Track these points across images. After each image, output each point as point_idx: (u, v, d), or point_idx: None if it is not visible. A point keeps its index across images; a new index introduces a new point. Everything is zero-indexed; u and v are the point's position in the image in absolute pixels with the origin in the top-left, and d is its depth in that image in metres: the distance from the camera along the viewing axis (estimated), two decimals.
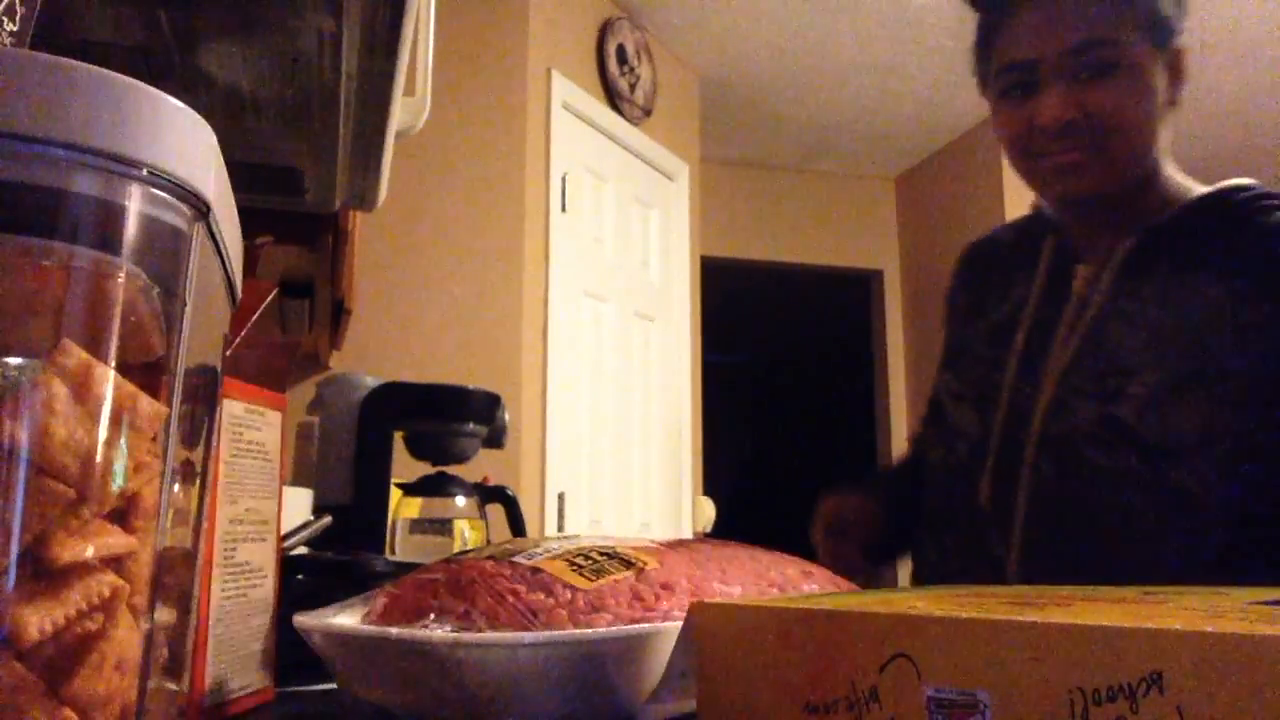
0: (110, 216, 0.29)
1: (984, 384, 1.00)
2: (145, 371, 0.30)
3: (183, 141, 0.31)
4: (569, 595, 0.48)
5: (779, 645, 0.39)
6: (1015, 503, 0.92)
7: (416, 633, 0.46)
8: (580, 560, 0.51)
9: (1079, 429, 0.90)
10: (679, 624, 0.47)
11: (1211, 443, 0.83)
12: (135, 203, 0.29)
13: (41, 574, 0.27)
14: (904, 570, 1.36)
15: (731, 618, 0.42)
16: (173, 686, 0.35)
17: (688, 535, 3.37)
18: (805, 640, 0.38)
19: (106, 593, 0.28)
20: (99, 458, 0.28)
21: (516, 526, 1.29)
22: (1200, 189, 0.98)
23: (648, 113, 3.50)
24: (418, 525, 1.22)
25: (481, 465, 1.31)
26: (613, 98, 3.35)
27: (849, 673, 0.36)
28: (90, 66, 0.28)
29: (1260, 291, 0.86)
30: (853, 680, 0.36)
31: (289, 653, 0.56)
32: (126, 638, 0.29)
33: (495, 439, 1.23)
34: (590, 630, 0.45)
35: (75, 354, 0.28)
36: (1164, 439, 0.84)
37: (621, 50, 3.39)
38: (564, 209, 3.05)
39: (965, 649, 0.33)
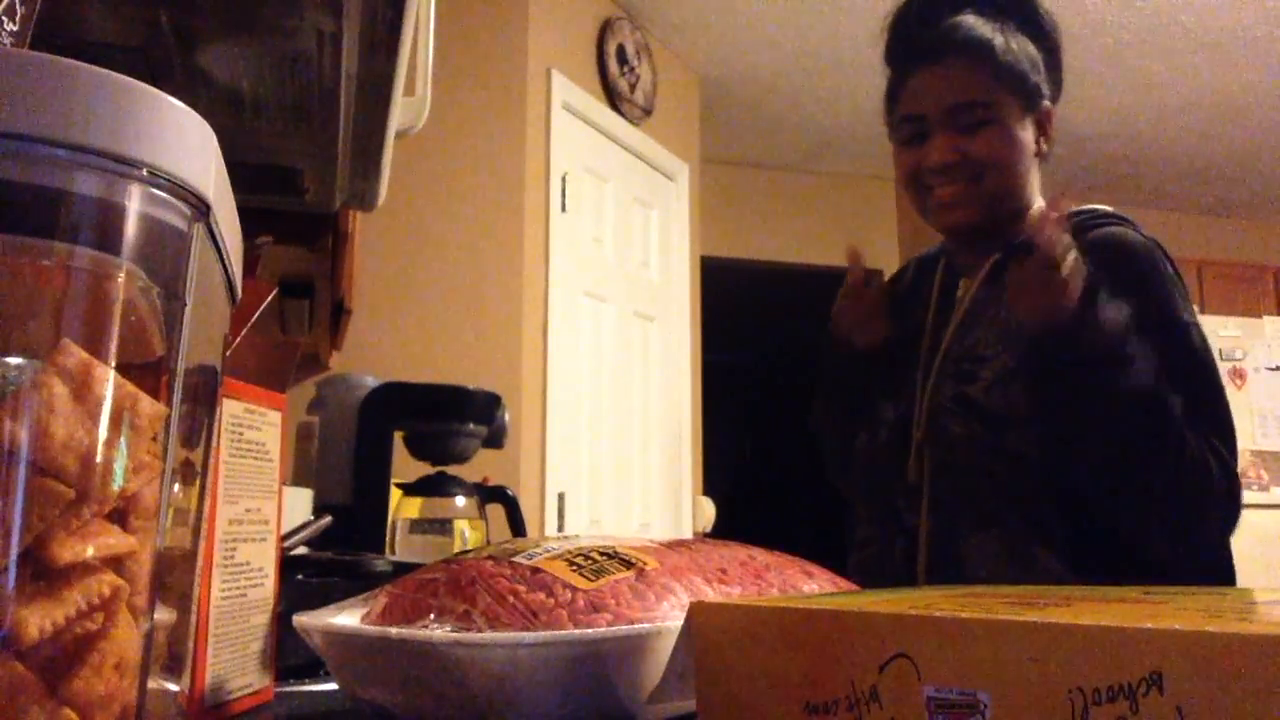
0: (110, 216, 0.29)
1: (899, 382, 1.19)
2: (145, 371, 0.30)
3: (183, 141, 0.31)
4: (569, 595, 0.48)
5: (779, 645, 0.39)
6: (923, 474, 1.12)
7: (416, 633, 0.46)
8: (580, 560, 0.51)
9: (942, 405, 1.12)
10: (679, 624, 0.47)
11: (1038, 417, 1.03)
12: (135, 203, 0.29)
13: (41, 574, 0.27)
14: None
15: (731, 618, 0.42)
16: (173, 686, 0.35)
17: (688, 535, 3.37)
18: (805, 640, 0.38)
19: (106, 593, 0.28)
20: (99, 458, 0.28)
21: (516, 526, 1.29)
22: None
23: (648, 113, 3.50)
24: (418, 525, 1.22)
25: (481, 465, 1.31)
26: (613, 98, 3.34)
27: (849, 672, 0.36)
28: (90, 66, 0.28)
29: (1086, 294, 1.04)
30: (853, 680, 0.36)
31: (289, 653, 0.56)
32: (126, 638, 0.29)
33: (495, 439, 1.23)
34: (590, 630, 0.45)
35: (75, 354, 0.28)
36: (1003, 412, 1.07)
37: (621, 50, 3.39)
38: (564, 209, 3.05)
39: (965, 649, 0.33)
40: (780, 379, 6.34)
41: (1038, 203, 1.19)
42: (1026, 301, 0.97)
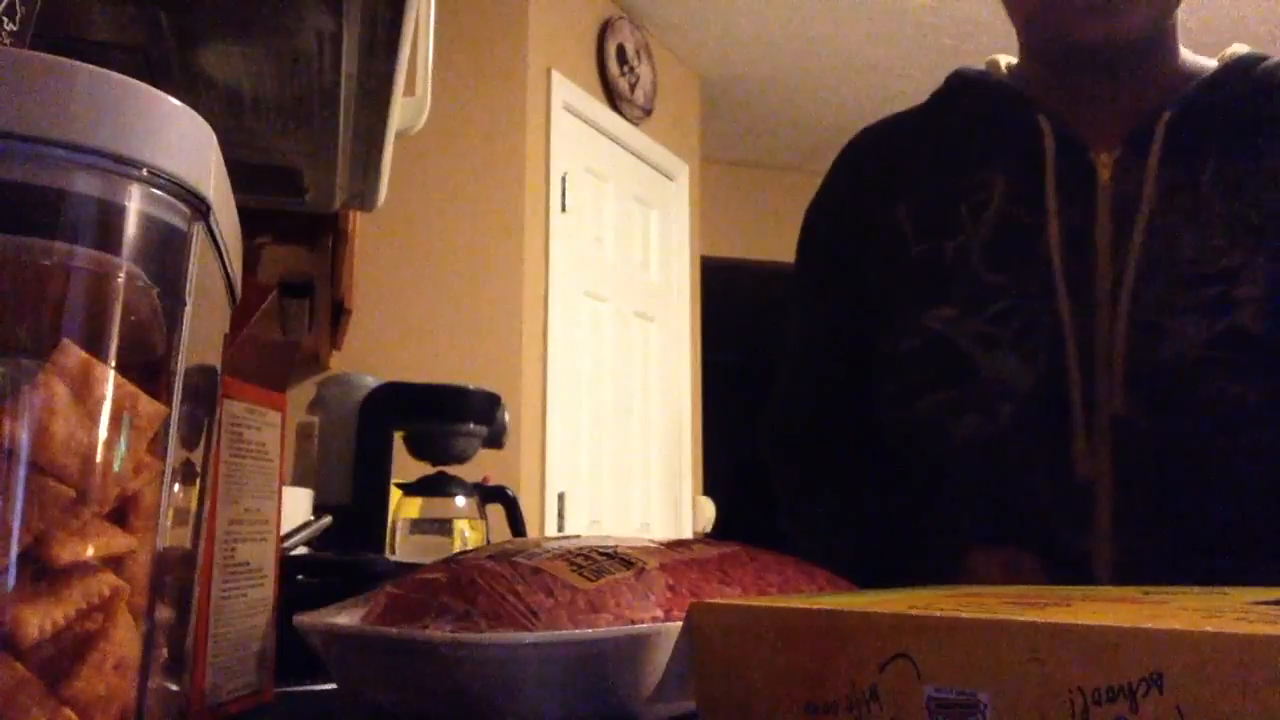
0: (110, 216, 0.29)
1: (1020, 318, 0.75)
2: (145, 371, 0.30)
3: (183, 141, 0.31)
4: (569, 595, 0.48)
5: (779, 645, 0.39)
6: (1100, 476, 0.72)
7: (416, 633, 0.46)
8: (580, 560, 0.51)
9: (1187, 355, 0.70)
10: (679, 624, 0.47)
11: None
12: (135, 203, 0.29)
13: (41, 574, 0.27)
14: None
15: (731, 618, 0.42)
16: (173, 686, 0.35)
17: (688, 535, 3.37)
18: (805, 640, 0.38)
19: (106, 593, 0.28)
20: (99, 458, 0.28)
21: (516, 526, 1.29)
22: (1206, 59, 0.84)
23: (648, 113, 3.50)
24: (418, 525, 1.22)
25: (481, 465, 1.31)
26: (613, 98, 3.34)
27: (849, 672, 0.36)
28: (90, 66, 0.28)
29: None
30: (853, 680, 0.36)
31: (289, 653, 0.56)
32: (126, 638, 0.29)
33: (495, 439, 1.23)
34: (590, 630, 0.45)
35: (75, 354, 0.28)
36: None
37: (621, 50, 3.39)
38: (564, 209, 3.05)
39: (965, 649, 0.33)
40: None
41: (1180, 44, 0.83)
42: None
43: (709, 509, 3.68)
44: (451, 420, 1.18)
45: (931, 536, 0.78)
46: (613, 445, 3.21)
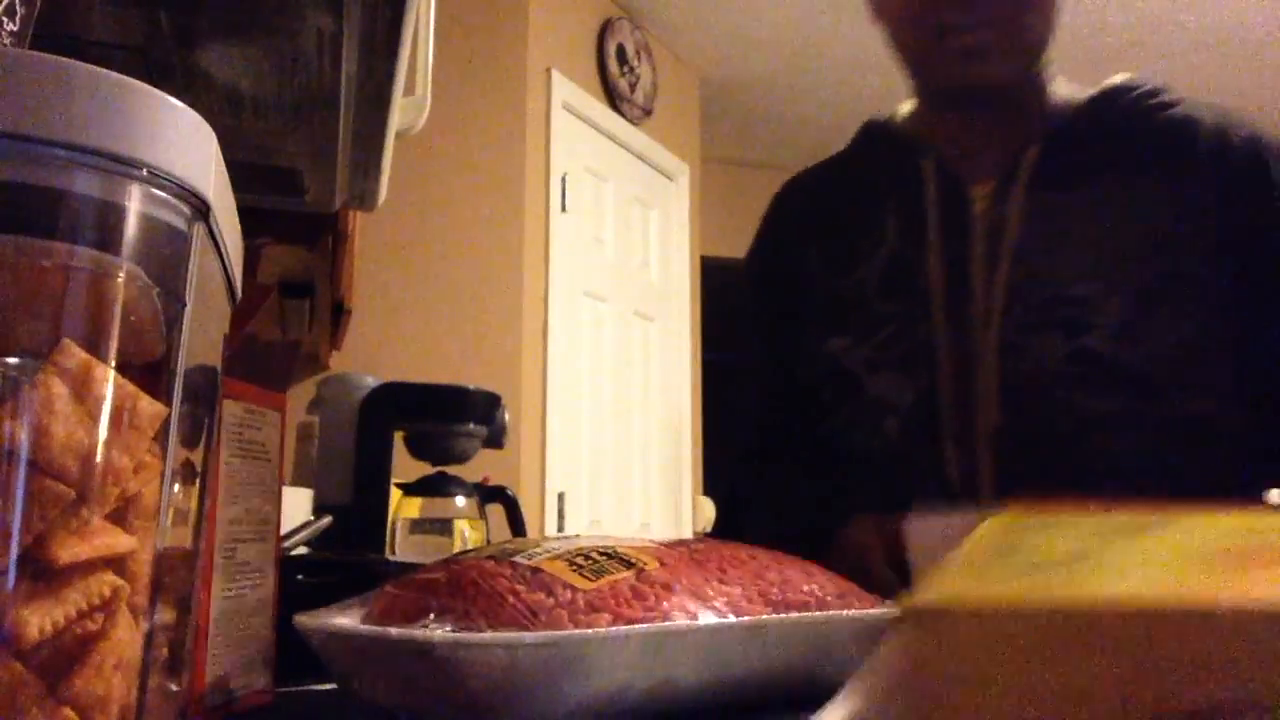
0: (110, 216, 0.29)
1: (904, 343, 0.84)
2: (145, 371, 0.30)
3: (183, 141, 0.31)
4: (569, 595, 0.48)
5: (1095, 653, 0.29)
6: (979, 476, 0.79)
7: (416, 633, 0.46)
8: (580, 560, 0.51)
9: (1045, 370, 0.77)
10: (679, 624, 0.47)
11: (1196, 359, 0.75)
12: (135, 203, 0.29)
13: (41, 574, 0.27)
14: None
15: (998, 623, 0.31)
16: (173, 686, 0.35)
17: (688, 535, 3.37)
18: (1162, 643, 0.28)
19: (106, 593, 0.28)
20: (99, 458, 0.28)
21: (516, 526, 1.29)
22: (1077, 90, 0.89)
23: (648, 113, 3.50)
24: (418, 525, 1.22)
25: (481, 465, 1.31)
26: (613, 98, 3.34)
27: (1252, 669, 0.28)
28: (90, 66, 0.28)
29: (1218, 198, 0.79)
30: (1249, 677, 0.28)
31: (289, 653, 0.56)
32: (126, 638, 0.29)
33: (495, 439, 1.23)
34: (590, 630, 0.45)
35: (75, 354, 0.28)
36: (1148, 365, 0.75)
37: (621, 50, 3.39)
38: (564, 209, 3.05)
39: None
40: None
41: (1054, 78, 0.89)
42: None
43: (709, 509, 3.68)
44: (451, 420, 1.18)
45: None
46: (613, 445, 3.21)
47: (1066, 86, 0.89)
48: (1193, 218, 0.79)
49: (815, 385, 0.90)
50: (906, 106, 0.97)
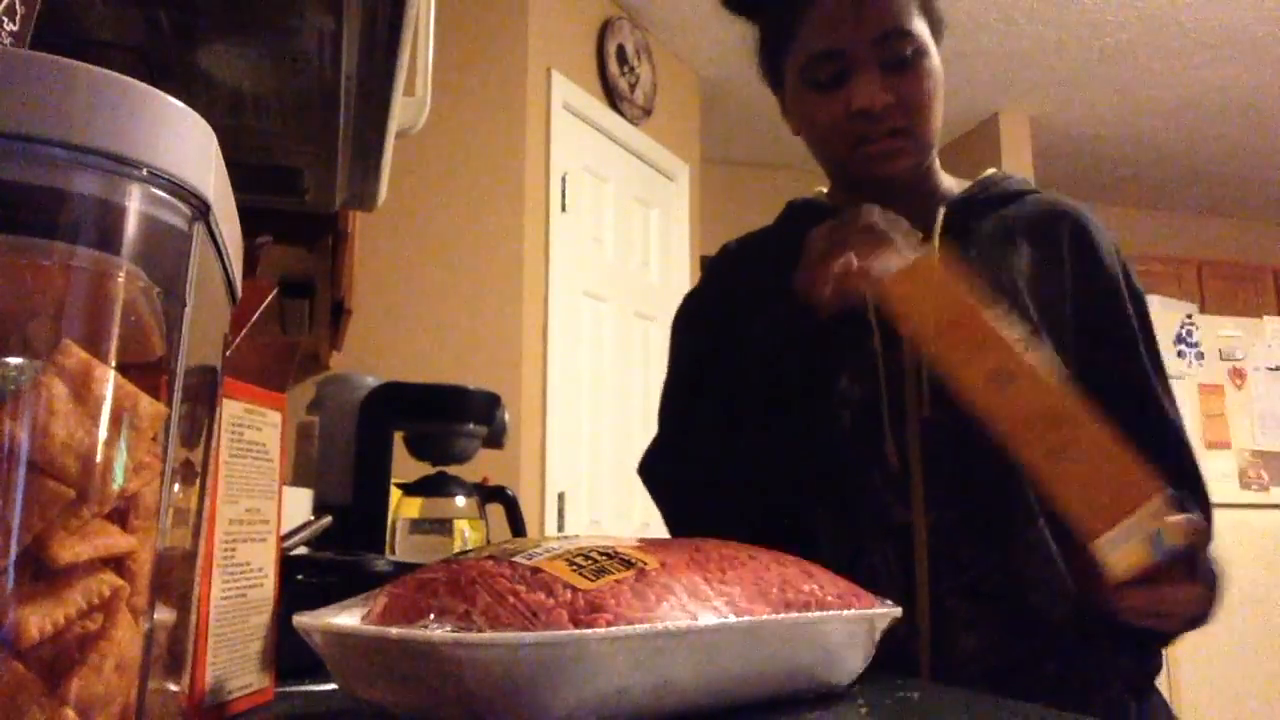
0: (110, 216, 0.29)
1: (854, 353, 1.01)
2: (145, 371, 0.30)
3: (183, 141, 0.31)
4: (569, 595, 0.48)
5: None
6: (911, 459, 0.97)
7: (416, 633, 0.46)
8: (580, 560, 0.51)
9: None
10: (678, 624, 0.47)
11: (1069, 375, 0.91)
12: (135, 203, 0.29)
13: (41, 574, 0.27)
14: None
15: None
16: (173, 686, 0.35)
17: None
18: None
19: (106, 593, 0.28)
20: (99, 458, 0.28)
21: (516, 526, 1.29)
22: (958, 181, 1.10)
23: (648, 113, 3.50)
24: (418, 525, 1.22)
25: (481, 465, 1.31)
26: (613, 98, 3.34)
27: None
28: (90, 66, 0.28)
29: (1058, 260, 1.00)
30: None
31: (289, 653, 0.56)
32: (126, 638, 0.29)
33: (495, 439, 1.23)
34: (590, 630, 0.45)
35: (75, 354, 0.28)
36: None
37: (621, 50, 3.39)
38: (564, 209, 3.05)
39: None
40: None
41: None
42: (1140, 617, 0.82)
43: None
44: (451, 420, 1.18)
45: (802, 513, 1.01)
46: (613, 445, 3.21)
47: (948, 179, 1.11)
48: (1055, 269, 1.01)
49: (789, 380, 1.05)
50: (824, 189, 1.17)
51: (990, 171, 1.10)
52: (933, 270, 0.86)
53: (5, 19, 0.38)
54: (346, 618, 0.53)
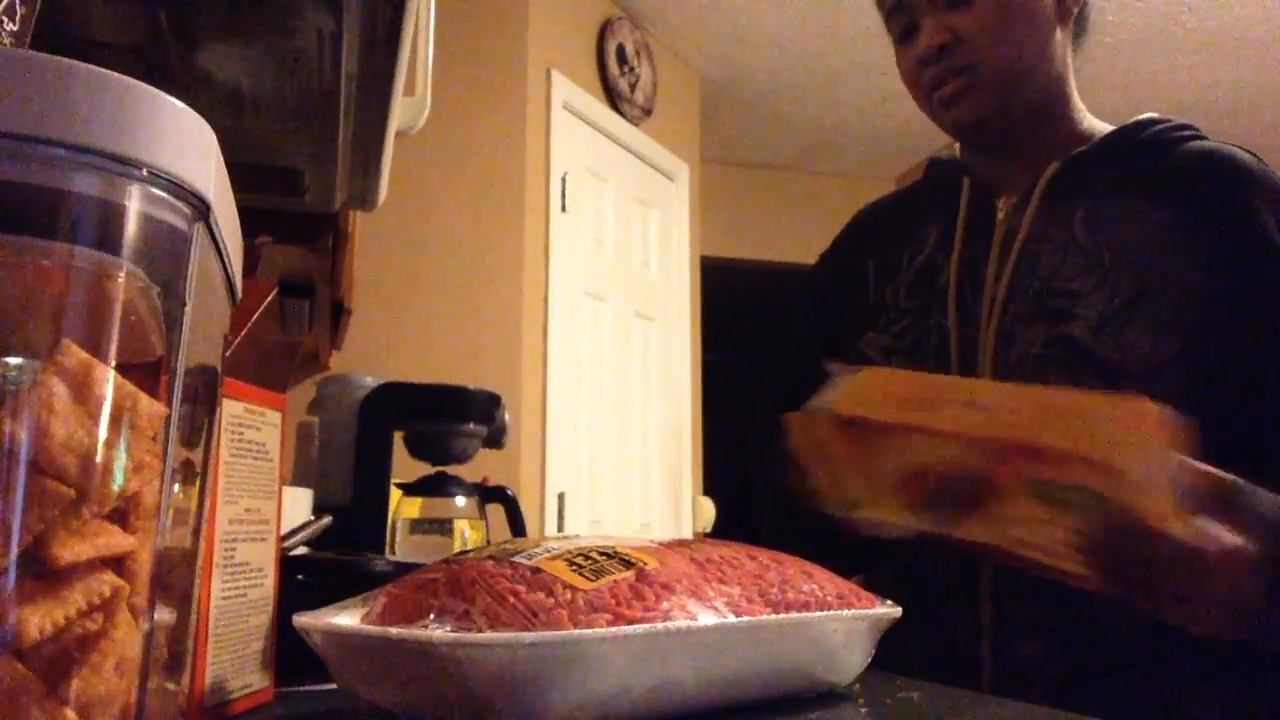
0: (110, 216, 0.29)
1: (916, 332, 0.96)
2: (145, 371, 0.30)
3: (183, 141, 0.31)
4: (569, 595, 0.48)
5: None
6: None
7: (416, 633, 0.46)
8: (580, 560, 0.51)
9: (1031, 354, 0.88)
10: (679, 624, 0.47)
11: (1166, 363, 0.82)
12: (135, 203, 0.29)
13: (41, 574, 0.27)
14: None
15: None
16: (173, 686, 0.35)
17: (688, 535, 3.37)
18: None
19: (106, 593, 0.28)
20: (99, 458, 0.28)
21: (516, 526, 1.29)
22: (1105, 125, 1.00)
23: (648, 113, 3.50)
24: (418, 525, 1.22)
25: (481, 465, 1.31)
26: (613, 98, 3.34)
27: None
28: (90, 66, 0.28)
29: (1202, 217, 0.87)
30: None
31: (289, 653, 0.56)
32: (126, 638, 0.29)
33: (495, 439, 1.23)
34: (590, 630, 0.45)
35: (75, 354, 0.28)
36: (1122, 358, 0.83)
37: (621, 50, 3.39)
38: (564, 209, 3.05)
39: None
40: None
41: (1077, 103, 0.98)
42: (1181, 613, 0.70)
43: (709, 509, 3.68)
44: (451, 420, 1.18)
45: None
46: (613, 445, 3.21)
47: (1101, 124, 1.00)
48: (1184, 238, 0.88)
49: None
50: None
51: (1145, 116, 0.97)
52: None
53: (5, 19, 0.38)
54: (346, 618, 0.53)
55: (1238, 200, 0.88)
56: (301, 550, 0.91)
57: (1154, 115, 0.97)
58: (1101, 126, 0.99)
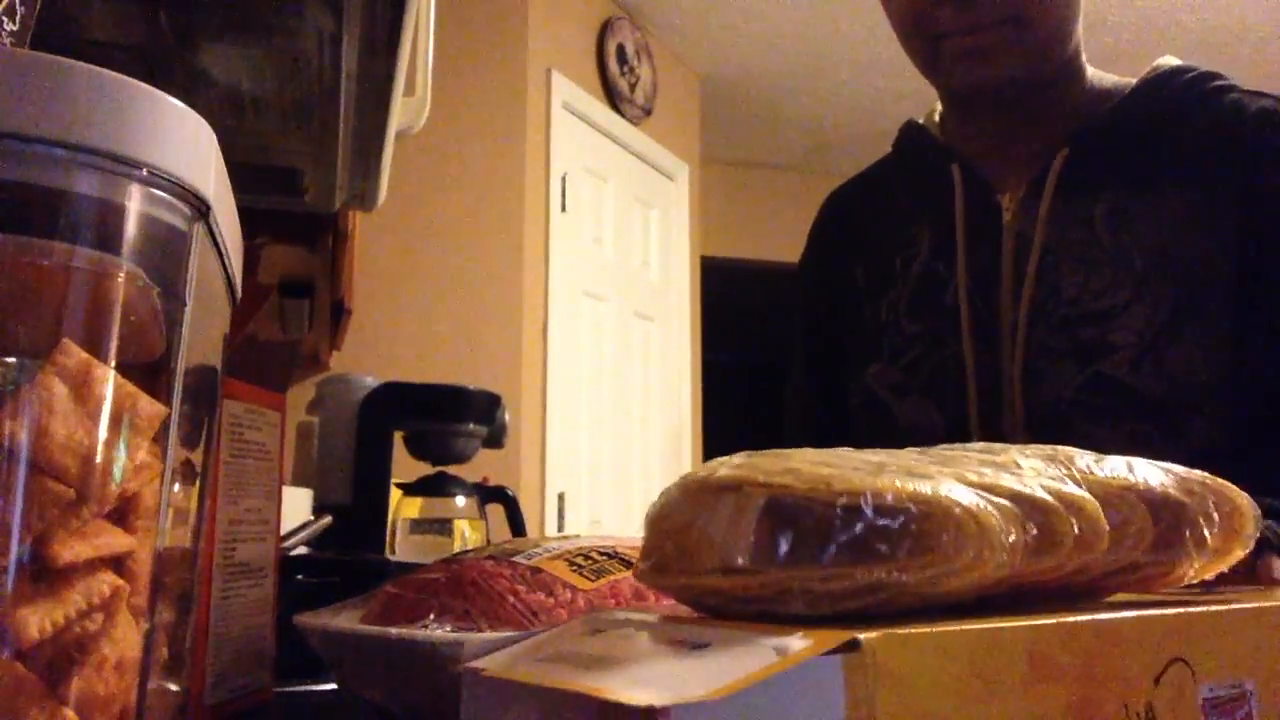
0: (110, 216, 0.29)
1: (928, 365, 0.80)
2: (145, 371, 0.30)
3: (183, 141, 0.31)
4: (569, 595, 0.48)
5: (1029, 680, 0.28)
6: None
7: (416, 633, 0.46)
8: (580, 560, 0.51)
9: (1064, 399, 0.73)
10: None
11: (1218, 382, 0.69)
12: (135, 203, 0.29)
13: (41, 574, 0.27)
14: None
15: (942, 649, 0.28)
16: (173, 686, 0.35)
17: None
18: (1065, 668, 0.29)
19: (106, 592, 0.28)
20: (99, 458, 0.28)
21: (516, 526, 1.29)
22: (1124, 79, 0.82)
23: (648, 113, 3.50)
24: (418, 525, 1.22)
25: (481, 465, 1.31)
26: (613, 98, 3.34)
27: (1120, 692, 0.29)
28: (90, 66, 0.28)
29: (1223, 203, 0.72)
30: (1126, 703, 0.29)
31: (289, 653, 0.56)
32: (126, 638, 0.29)
33: (495, 439, 1.23)
34: None
35: (75, 354, 0.28)
36: (1168, 389, 0.69)
37: (621, 50, 3.39)
38: (564, 209, 3.05)
39: (1235, 639, 0.32)
40: (780, 379, 6.34)
41: (1089, 70, 0.81)
42: None
43: None
44: (451, 420, 1.18)
45: None
46: (613, 445, 3.21)
47: (1107, 78, 0.82)
48: (1216, 217, 0.73)
49: (853, 415, 0.87)
50: (941, 106, 0.92)
51: (1159, 65, 0.80)
52: None
53: (5, 19, 0.38)
54: (346, 618, 0.53)
55: (1272, 164, 0.72)
56: (301, 550, 0.91)
57: (1174, 62, 0.80)
58: (1108, 81, 0.82)
